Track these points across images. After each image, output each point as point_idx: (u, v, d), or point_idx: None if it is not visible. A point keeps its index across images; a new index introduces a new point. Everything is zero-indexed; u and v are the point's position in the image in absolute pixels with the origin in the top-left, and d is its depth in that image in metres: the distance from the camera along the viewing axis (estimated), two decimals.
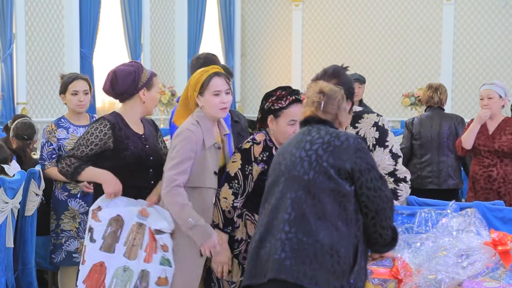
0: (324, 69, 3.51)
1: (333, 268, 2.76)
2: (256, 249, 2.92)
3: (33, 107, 9.38)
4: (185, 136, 3.48)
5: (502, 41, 11.94)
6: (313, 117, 3.00)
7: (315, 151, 2.87)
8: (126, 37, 10.67)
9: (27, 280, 4.42)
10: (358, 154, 2.85)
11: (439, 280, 3.04)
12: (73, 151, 3.69)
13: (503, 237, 3.14)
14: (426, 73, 12.44)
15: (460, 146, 5.39)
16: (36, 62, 9.37)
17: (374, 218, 2.85)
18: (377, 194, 2.84)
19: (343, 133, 2.92)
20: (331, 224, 2.78)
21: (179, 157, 3.46)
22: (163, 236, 3.57)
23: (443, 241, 3.16)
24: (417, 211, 3.43)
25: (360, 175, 2.83)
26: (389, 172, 3.53)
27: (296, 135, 3.06)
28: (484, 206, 3.81)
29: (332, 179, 2.81)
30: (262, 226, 2.94)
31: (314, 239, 2.77)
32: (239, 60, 13.50)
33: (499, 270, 3.09)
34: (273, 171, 3.03)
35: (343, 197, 2.82)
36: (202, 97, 3.57)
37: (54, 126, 4.56)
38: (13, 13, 8.83)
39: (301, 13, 13.25)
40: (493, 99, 5.40)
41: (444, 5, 12.22)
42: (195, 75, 3.61)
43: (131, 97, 3.73)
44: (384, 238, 2.88)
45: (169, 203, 3.46)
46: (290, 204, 2.84)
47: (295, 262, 2.76)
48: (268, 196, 2.99)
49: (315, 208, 2.80)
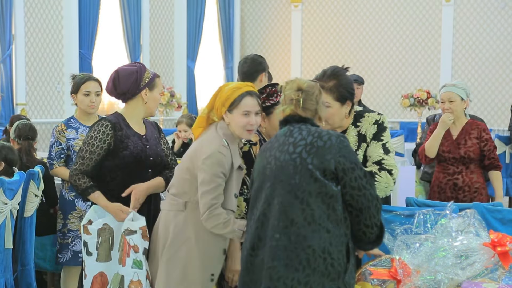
0: (323, 70, 3.50)
1: (327, 271, 2.76)
2: (248, 257, 2.92)
3: (32, 108, 9.37)
4: (218, 161, 3.32)
5: (501, 42, 11.94)
6: (293, 116, 2.97)
7: (299, 154, 2.85)
8: (126, 38, 10.68)
9: (26, 281, 4.41)
10: (342, 153, 2.84)
11: (438, 280, 3.04)
12: (83, 167, 3.72)
13: (502, 238, 3.14)
14: (425, 74, 12.45)
15: (424, 155, 5.04)
16: (35, 63, 9.37)
17: (358, 216, 2.85)
18: (362, 193, 2.83)
19: (325, 132, 2.90)
20: (321, 227, 2.78)
21: (215, 182, 3.31)
22: (133, 236, 3.57)
23: (442, 241, 3.16)
24: (416, 212, 3.43)
25: (344, 175, 2.83)
26: (376, 161, 3.50)
27: (276, 136, 3.01)
28: (483, 207, 3.81)
29: (319, 181, 2.81)
30: (252, 233, 2.93)
31: (305, 245, 2.77)
32: (238, 60, 13.48)
33: (498, 271, 3.09)
34: (258, 176, 2.99)
35: (331, 198, 2.81)
36: (231, 114, 3.40)
37: (64, 126, 4.57)
38: (12, 14, 8.84)
39: (300, 14, 13.25)
40: (455, 102, 5.00)
41: (444, 6, 12.22)
42: (227, 91, 3.43)
43: (133, 97, 3.76)
44: (368, 236, 2.88)
45: (213, 227, 3.30)
46: (279, 210, 2.83)
47: (288, 270, 2.77)
48: (255, 202, 2.96)
49: (304, 212, 2.80)
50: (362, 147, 3.55)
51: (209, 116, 3.51)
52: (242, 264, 2.98)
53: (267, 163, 2.94)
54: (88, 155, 3.71)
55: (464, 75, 12.18)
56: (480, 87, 12.11)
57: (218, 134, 3.43)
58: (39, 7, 9.35)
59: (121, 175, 3.70)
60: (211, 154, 3.33)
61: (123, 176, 3.70)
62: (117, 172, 3.70)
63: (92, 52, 9.94)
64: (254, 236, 2.91)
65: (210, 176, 3.31)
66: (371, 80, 12.44)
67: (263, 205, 2.90)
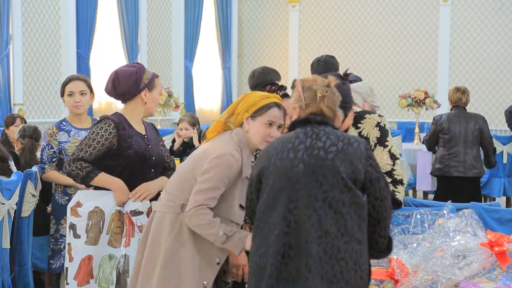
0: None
1: (357, 284, 2.70)
2: (279, 266, 2.75)
3: (29, 108, 9.37)
4: (227, 163, 3.19)
5: (499, 42, 11.95)
6: (315, 115, 2.81)
7: (332, 161, 2.72)
8: (123, 38, 10.67)
9: (23, 281, 4.41)
10: (369, 162, 2.76)
11: (436, 280, 3.04)
12: (81, 153, 3.69)
13: (499, 238, 3.14)
14: (422, 74, 12.46)
15: None
16: (32, 63, 9.35)
17: (375, 226, 2.79)
18: (382, 204, 2.77)
19: (353, 139, 2.79)
20: (353, 238, 2.71)
21: (214, 183, 3.17)
22: (140, 217, 3.60)
23: (440, 241, 3.15)
24: (413, 212, 3.43)
25: (370, 185, 2.75)
26: (387, 171, 3.54)
27: (298, 137, 2.82)
28: (480, 207, 3.81)
29: (352, 191, 2.71)
30: (277, 238, 2.76)
31: (339, 257, 2.69)
32: (235, 61, 13.49)
33: (496, 271, 3.09)
34: (277, 176, 2.80)
35: (362, 208, 2.74)
36: (253, 121, 3.27)
37: (56, 129, 4.45)
38: (9, 14, 8.83)
39: (298, 14, 13.25)
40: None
41: (441, 6, 12.23)
42: (255, 97, 3.31)
43: (133, 98, 3.76)
44: (380, 245, 2.84)
45: (196, 225, 3.16)
46: (313, 219, 2.71)
47: (323, 283, 2.69)
48: (274, 204, 2.79)
49: (338, 223, 2.70)
50: None
51: (226, 122, 3.38)
52: (270, 271, 2.78)
53: (293, 165, 2.77)
54: (87, 148, 3.68)
55: (461, 75, 12.19)
56: (478, 87, 12.12)
57: (232, 139, 3.30)
58: (36, 7, 9.34)
59: (125, 174, 3.69)
60: (222, 154, 3.21)
61: (126, 176, 3.69)
62: (121, 172, 3.69)
63: (89, 52, 9.94)
64: (284, 243, 2.75)
65: (214, 176, 3.17)
66: (368, 80, 12.44)
67: (289, 208, 2.75)
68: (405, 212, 3.50)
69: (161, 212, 3.32)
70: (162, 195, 3.42)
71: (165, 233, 3.27)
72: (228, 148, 3.23)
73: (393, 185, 3.53)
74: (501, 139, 8.35)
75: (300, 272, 2.72)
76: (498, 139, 8.28)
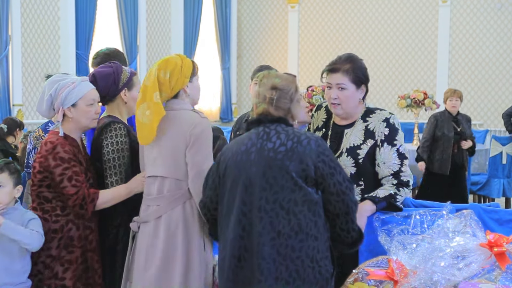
0: (338, 56, 3.47)
1: (315, 280, 2.74)
2: (235, 269, 2.81)
3: (28, 109, 9.36)
4: (209, 126, 3.29)
5: (498, 43, 11.95)
6: (266, 115, 2.88)
7: (281, 161, 2.77)
8: (122, 38, 10.66)
9: None
10: (321, 158, 2.78)
11: (435, 281, 3.04)
12: (116, 176, 3.49)
13: (499, 238, 3.13)
14: (422, 75, 12.46)
15: None
16: (32, 63, 9.35)
17: (335, 220, 2.82)
18: (340, 199, 2.79)
19: (304, 136, 2.82)
20: (309, 235, 2.74)
21: (210, 147, 3.27)
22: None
23: (439, 242, 3.15)
24: (412, 212, 3.43)
25: (323, 180, 2.78)
26: (394, 171, 3.46)
27: (250, 138, 2.88)
28: (480, 207, 3.81)
29: (303, 190, 2.75)
30: (234, 240, 2.80)
31: (294, 256, 2.73)
32: (235, 61, 13.50)
33: (495, 272, 3.09)
34: (230, 179, 2.85)
35: (315, 205, 2.77)
36: (191, 83, 3.41)
37: (41, 132, 4.33)
38: (9, 15, 8.82)
39: (297, 14, 13.25)
40: None
41: (440, 6, 12.23)
42: (186, 62, 3.47)
43: (114, 99, 3.65)
44: (344, 239, 2.86)
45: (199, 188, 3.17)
46: (264, 220, 2.75)
47: (278, 284, 2.72)
48: (232, 208, 2.83)
49: (291, 223, 2.73)
50: (368, 142, 3.48)
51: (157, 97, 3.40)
52: (228, 273, 2.84)
53: (246, 168, 2.82)
54: (122, 167, 3.51)
55: (460, 75, 12.20)
56: (477, 88, 12.12)
57: (186, 104, 3.39)
58: (35, 8, 9.34)
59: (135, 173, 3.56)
60: (201, 121, 3.27)
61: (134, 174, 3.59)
62: (135, 174, 3.53)
63: (89, 53, 9.92)
64: (239, 246, 2.80)
65: (208, 142, 3.26)
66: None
67: (243, 212, 2.79)
68: (404, 213, 3.50)
69: (166, 214, 3.27)
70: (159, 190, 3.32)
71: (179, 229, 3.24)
72: (200, 115, 3.29)
73: (397, 188, 3.44)
74: (500, 140, 8.35)
75: (254, 274, 2.75)
76: (498, 140, 8.29)
